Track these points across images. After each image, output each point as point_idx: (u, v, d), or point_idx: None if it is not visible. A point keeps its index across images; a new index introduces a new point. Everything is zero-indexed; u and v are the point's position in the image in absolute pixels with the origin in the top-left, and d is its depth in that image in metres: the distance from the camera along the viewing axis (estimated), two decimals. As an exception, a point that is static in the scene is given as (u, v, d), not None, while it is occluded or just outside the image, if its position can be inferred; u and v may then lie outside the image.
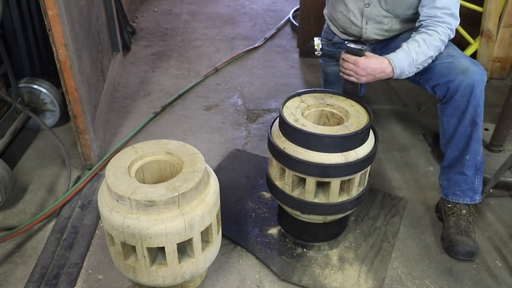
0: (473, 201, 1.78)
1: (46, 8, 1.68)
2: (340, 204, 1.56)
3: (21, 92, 2.28)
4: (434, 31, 1.61)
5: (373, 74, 1.59)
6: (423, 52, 1.59)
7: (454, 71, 1.61)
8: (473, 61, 1.64)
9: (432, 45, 1.60)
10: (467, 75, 1.59)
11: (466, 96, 1.60)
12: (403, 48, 1.61)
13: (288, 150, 1.50)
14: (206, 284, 1.60)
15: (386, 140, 2.41)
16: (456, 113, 1.66)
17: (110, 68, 2.78)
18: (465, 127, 1.66)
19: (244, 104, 2.77)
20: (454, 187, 1.78)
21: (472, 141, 1.68)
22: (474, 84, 1.58)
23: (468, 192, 1.77)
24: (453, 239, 1.70)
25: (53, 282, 1.57)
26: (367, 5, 1.78)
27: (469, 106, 1.62)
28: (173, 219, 1.26)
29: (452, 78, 1.61)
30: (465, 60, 1.63)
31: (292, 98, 1.65)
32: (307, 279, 1.59)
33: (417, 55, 1.59)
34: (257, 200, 1.95)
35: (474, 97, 1.60)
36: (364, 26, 1.84)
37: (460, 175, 1.75)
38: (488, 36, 2.93)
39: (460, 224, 1.74)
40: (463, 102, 1.62)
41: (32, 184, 2.05)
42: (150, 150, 1.44)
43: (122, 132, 2.46)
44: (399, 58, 1.59)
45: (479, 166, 1.74)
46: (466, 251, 1.68)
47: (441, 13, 1.61)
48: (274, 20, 4.10)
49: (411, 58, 1.59)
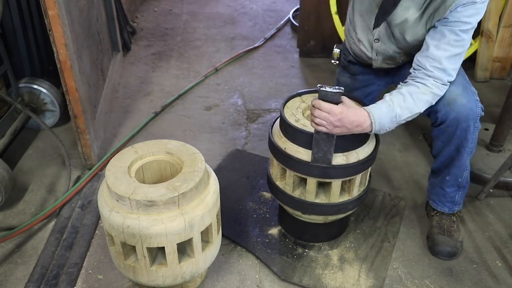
0: (451, 211, 1.77)
1: (47, 8, 1.68)
2: (341, 204, 1.56)
3: (21, 92, 2.28)
4: (423, 84, 1.44)
5: (349, 127, 1.35)
6: (408, 107, 1.42)
7: (441, 101, 1.49)
8: (466, 91, 1.50)
9: (420, 99, 1.43)
10: (454, 108, 1.47)
11: (452, 127, 1.52)
12: (385, 101, 1.42)
13: (289, 151, 1.50)
14: (206, 284, 1.60)
15: (386, 140, 2.41)
16: (442, 138, 1.59)
17: (110, 68, 2.78)
18: (450, 152, 1.60)
19: (244, 104, 2.77)
20: (434, 196, 1.78)
21: (453, 166, 1.64)
22: (460, 119, 1.48)
23: (447, 204, 1.76)
24: (435, 239, 1.71)
25: (53, 282, 1.57)
26: (376, 40, 1.64)
27: (454, 137, 1.54)
28: (173, 219, 1.26)
29: (440, 108, 1.50)
30: (456, 89, 1.49)
31: (292, 98, 1.65)
32: (307, 279, 1.59)
33: (401, 111, 1.41)
34: (258, 200, 1.95)
35: (460, 130, 1.51)
36: (374, 58, 1.71)
37: (441, 189, 1.74)
38: (488, 36, 2.93)
39: (443, 224, 1.74)
40: (449, 132, 1.55)
41: (32, 184, 2.05)
42: (150, 150, 1.44)
43: (122, 132, 2.46)
44: (380, 112, 1.39)
45: (462, 185, 1.71)
46: (446, 251, 1.68)
47: (430, 65, 1.43)
48: (274, 20, 4.10)
49: (394, 113, 1.40)
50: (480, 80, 3.06)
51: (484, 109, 1.63)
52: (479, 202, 1.97)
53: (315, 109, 1.35)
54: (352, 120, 1.35)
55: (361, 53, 1.75)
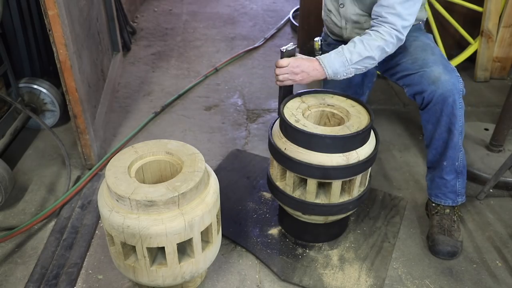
0: (455, 203, 1.78)
1: (47, 8, 1.68)
2: (341, 205, 1.56)
3: (21, 92, 2.28)
4: (376, 31, 1.58)
5: (308, 71, 1.56)
6: (358, 52, 1.56)
7: (425, 81, 1.59)
8: (447, 68, 1.61)
9: (371, 45, 1.56)
10: (438, 85, 1.57)
11: (439, 105, 1.60)
12: (336, 49, 1.59)
13: (289, 151, 1.50)
14: (206, 284, 1.60)
15: (386, 140, 2.41)
16: (431, 120, 1.66)
17: (110, 68, 2.78)
18: (441, 133, 1.66)
19: (244, 104, 2.77)
20: (435, 189, 1.79)
21: (448, 148, 1.68)
22: (445, 94, 1.57)
23: (450, 194, 1.77)
24: (435, 239, 1.72)
25: (53, 282, 1.57)
26: (341, 5, 1.78)
27: (443, 115, 1.61)
28: (173, 219, 1.26)
29: (425, 88, 1.60)
30: (438, 68, 1.59)
31: (292, 98, 1.65)
32: (307, 279, 1.59)
33: (350, 55, 1.55)
34: (258, 200, 1.95)
35: (447, 106, 1.58)
36: (344, 26, 1.84)
37: (440, 179, 1.75)
38: (488, 36, 2.93)
39: (443, 224, 1.75)
40: (436, 111, 1.62)
41: (32, 184, 2.05)
42: (150, 150, 1.44)
43: (122, 132, 2.46)
44: (329, 58, 1.57)
45: (460, 170, 1.73)
46: (446, 251, 1.69)
47: (385, 12, 1.56)
48: (274, 20, 4.10)
49: (344, 58, 1.56)
50: (480, 80, 3.05)
51: (484, 109, 1.64)
52: (479, 202, 1.97)
53: (277, 68, 1.56)
54: (307, 65, 1.56)
55: (333, 25, 1.87)
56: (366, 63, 1.59)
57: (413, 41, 1.75)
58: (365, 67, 1.60)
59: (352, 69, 1.59)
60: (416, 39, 1.76)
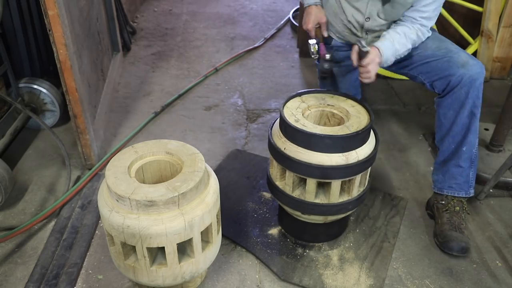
0: (468, 194, 1.80)
1: (47, 8, 1.68)
2: (341, 205, 1.56)
3: (21, 92, 2.28)
4: (411, 27, 1.69)
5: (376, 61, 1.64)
6: (404, 43, 1.67)
7: (454, 65, 1.66)
8: (471, 56, 1.70)
9: (410, 38, 1.68)
10: (468, 68, 1.63)
11: (466, 88, 1.64)
12: (387, 38, 1.67)
13: (288, 151, 1.50)
14: (206, 284, 1.60)
15: (386, 140, 2.41)
16: (454, 106, 1.69)
17: (110, 68, 2.78)
18: (463, 119, 1.69)
19: (244, 104, 2.77)
20: (449, 180, 1.80)
21: (469, 132, 1.71)
22: (475, 77, 1.63)
23: (464, 185, 1.78)
24: (448, 235, 1.72)
25: (53, 282, 1.57)
26: (367, 19, 1.77)
27: (468, 98, 1.65)
28: (173, 219, 1.26)
29: (453, 72, 1.65)
30: (464, 54, 1.69)
31: (292, 98, 1.65)
32: (307, 279, 1.59)
33: (399, 46, 1.67)
34: (258, 200, 1.95)
35: (474, 89, 1.64)
36: (364, 36, 1.84)
37: (456, 167, 1.77)
38: (488, 36, 2.93)
39: (454, 221, 1.76)
40: (461, 94, 1.66)
41: (32, 184, 2.05)
42: (150, 150, 1.44)
43: (122, 132, 2.46)
44: (386, 46, 1.65)
45: (473, 159, 1.77)
46: (460, 247, 1.69)
47: (420, 16, 1.68)
48: (274, 20, 4.10)
49: (394, 48, 1.66)
50: (480, 80, 3.05)
51: (484, 109, 1.65)
52: (479, 202, 1.97)
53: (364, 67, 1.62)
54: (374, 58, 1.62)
55: (350, 34, 1.86)
56: (404, 54, 1.71)
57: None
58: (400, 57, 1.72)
59: (394, 59, 1.70)
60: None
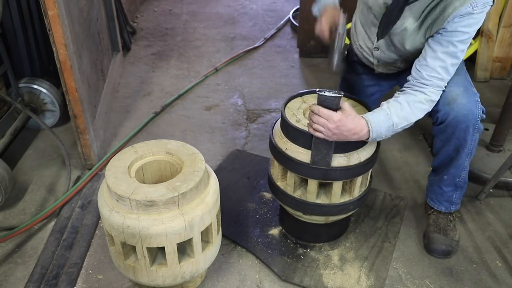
0: (448, 210, 1.77)
1: (46, 8, 1.68)
2: (342, 205, 1.56)
3: (21, 92, 2.28)
4: (421, 92, 1.45)
5: (347, 135, 1.35)
6: (405, 116, 1.43)
7: (442, 100, 1.49)
8: (468, 91, 1.51)
9: (417, 108, 1.44)
10: (453, 107, 1.48)
11: (451, 127, 1.52)
12: (383, 110, 1.42)
13: (290, 151, 1.49)
14: (206, 284, 1.59)
15: (386, 140, 2.40)
16: (441, 137, 1.60)
17: (110, 68, 2.78)
18: (449, 151, 1.61)
19: (244, 104, 2.77)
20: (432, 194, 1.79)
21: (452, 165, 1.64)
22: (459, 119, 1.49)
23: (444, 203, 1.76)
24: (431, 238, 1.72)
25: (53, 282, 1.57)
26: (376, 49, 1.66)
27: (453, 137, 1.55)
28: (173, 219, 1.26)
29: (440, 108, 1.51)
30: (457, 89, 1.50)
31: (293, 98, 1.65)
32: (308, 280, 1.59)
33: (398, 119, 1.42)
34: (258, 201, 1.95)
35: (459, 131, 1.52)
36: (375, 63, 1.74)
37: (438, 188, 1.74)
38: (488, 36, 2.93)
39: (439, 223, 1.75)
40: (448, 132, 1.55)
41: (32, 184, 2.05)
42: (150, 150, 1.44)
43: (122, 132, 2.46)
44: (378, 121, 1.39)
45: (459, 185, 1.70)
46: (441, 249, 1.69)
47: (427, 75, 1.44)
48: (274, 20, 4.10)
49: (391, 122, 1.41)
50: (480, 80, 3.05)
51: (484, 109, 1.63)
52: (479, 202, 1.97)
53: (314, 114, 1.35)
54: (350, 128, 1.34)
55: (363, 58, 1.78)
56: (407, 126, 1.47)
57: None
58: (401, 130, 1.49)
59: (392, 133, 1.45)
60: None
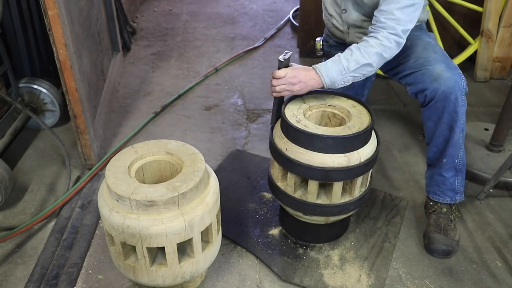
0: (454, 200, 1.78)
1: (46, 8, 1.68)
2: (343, 205, 1.56)
3: (21, 92, 2.28)
4: (374, 37, 1.54)
5: (305, 80, 1.52)
6: (355, 59, 1.52)
7: (428, 78, 1.59)
8: (449, 66, 1.60)
9: (369, 52, 1.52)
10: (440, 82, 1.57)
11: (440, 102, 1.60)
12: (333, 57, 1.55)
13: (290, 152, 1.49)
14: (206, 284, 1.59)
15: (386, 140, 2.41)
16: (433, 118, 1.66)
17: (110, 68, 2.78)
18: (442, 131, 1.66)
19: (244, 104, 2.77)
20: (434, 186, 1.79)
21: (448, 145, 1.68)
22: (447, 92, 1.57)
23: (448, 192, 1.77)
24: (431, 238, 1.72)
25: (53, 282, 1.57)
26: (344, 11, 1.76)
27: (444, 112, 1.61)
28: (173, 219, 1.26)
29: (427, 86, 1.59)
30: (439, 66, 1.59)
31: (293, 99, 1.65)
32: (308, 280, 1.59)
33: (347, 63, 1.52)
34: (258, 201, 1.95)
35: (449, 103, 1.59)
36: (346, 31, 1.81)
37: (439, 176, 1.76)
38: (488, 36, 2.93)
39: (440, 223, 1.75)
40: (438, 108, 1.61)
41: (32, 184, 2.05)
42: (150, 150, 1.44)
43: (122, 132, 2.46)
44: (326, 66, 1.53)
45: (459, 168, 1.73)
46: (441, 249, 1.69)
47: (384, 18, 1.53)
48: (274, 20, 4.10)
49: (341, 66, 1.52)
50: (480, 80, 3.05)
51: (484, 109, 1.64)
52: (479, 202, 1.97)
53: (274, 79, 1.52)
54: (304, 74, 1.52)
55: (335, 29, 1.84)
56: (364, 70, 1.55)
57: (415, 40, 1.74)
58: (363, 75, 1.56)
59: (350, 77, 1.55)
60: (418, 38, 1.76)
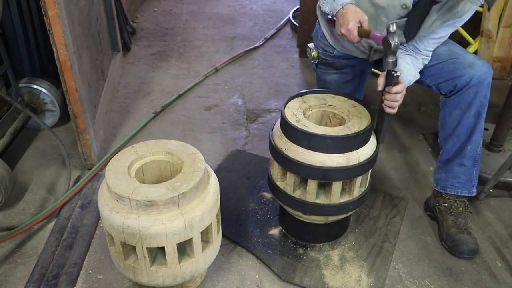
0: (471, 193, 1.80)
1: (47, 8, 1.68)
2: (342, 205, 1.56)
3: (21, 92, 2.28)
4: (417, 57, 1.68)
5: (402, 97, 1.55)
6: (414, 75, 1.67)
7: (461, 66, 1.64)
8: (477, 56, 1.69)
9: (418, 68, 1.68)
10: (476, 68, 1.62)
11: (474, 88, 1.63)
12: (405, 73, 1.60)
13: (289, 151, 1.49)
14: (206, 284, 1.60)
15: (386, 140, 2.41)
16: (461, 105, 1.67)
17: (110, 68, 2.78)
18: (470, 118, 1.68)
19: (244, 104, 2.77)
20: (453, 179, 1.79)
21: (475, 131, 1.70)
22: (483, 76, 1.62)
23: (467, 184, 1.78)
24: (456, 239, 1.71)
25: (53, 282, 1.57)
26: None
27: (476, 98, 1.64)
28: (173, 219, 1.26)
29: (461, 73, 1.63)
30: (470, 55, 1.68)
31: (293, 98, 1.65)
32: (308, 280, 1.59)
33: (412, 78, 1.66)
34: (258, 201, 1.95)
35: (482, 89, 1.63)
36: (371, 55, 1.79)
37: (460, 166, 1.76)
38: (488, 36, 2.93)
39: (459, 222, 1.76)
40: (469, 94, 1.64)
41: (32, 184, 2.05)
42: (150, 150, 1.44)
43: (122, 132, 2.46)
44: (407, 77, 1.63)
45: (477, 158, 1.76)
46: (470, 249, 1.69)
47: (423, 48, 1.67)
48: (274, 20, 4.10)
49: (408, 81, 1.64)
50: (480, 80, 3.05)
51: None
52: (479, 202, 1.97)
53: (390, 94, 1.49)
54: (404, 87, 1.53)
55: (356, 50, 1.81)
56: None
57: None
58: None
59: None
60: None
